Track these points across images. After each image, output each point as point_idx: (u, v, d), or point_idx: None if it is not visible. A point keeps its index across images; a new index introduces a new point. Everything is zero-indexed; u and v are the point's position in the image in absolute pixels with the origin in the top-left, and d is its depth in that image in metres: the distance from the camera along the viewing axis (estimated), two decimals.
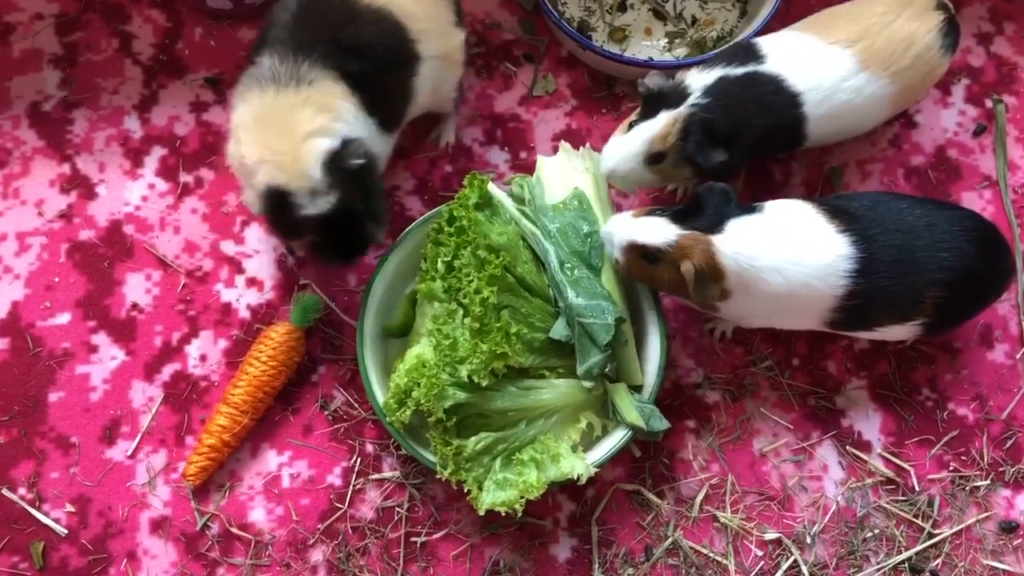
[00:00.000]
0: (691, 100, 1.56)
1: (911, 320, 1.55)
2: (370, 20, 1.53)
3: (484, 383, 1.49)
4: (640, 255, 1.51)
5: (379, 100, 1.56)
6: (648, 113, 1.59)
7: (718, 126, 1.55)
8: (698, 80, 1.59)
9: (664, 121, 1.56)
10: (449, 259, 1.55)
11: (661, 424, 1.58)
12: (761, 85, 1.58)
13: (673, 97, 1.58)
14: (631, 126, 1.60)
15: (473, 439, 1.51)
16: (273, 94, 1.49)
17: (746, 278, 1.47)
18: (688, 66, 1.65)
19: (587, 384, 1.56)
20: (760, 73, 1.58)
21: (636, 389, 1.61)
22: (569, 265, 1.58)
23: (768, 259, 1.47)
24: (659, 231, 1.48)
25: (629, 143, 1.58)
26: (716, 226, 1.47)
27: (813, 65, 1.59)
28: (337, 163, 1.47)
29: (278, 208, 1.48)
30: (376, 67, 1.54)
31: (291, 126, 1.47)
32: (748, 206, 1.53)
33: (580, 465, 1.51)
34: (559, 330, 1.56)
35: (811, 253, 1.48)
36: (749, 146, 1.58)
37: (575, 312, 1.53)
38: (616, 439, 1.58)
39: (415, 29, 1.57)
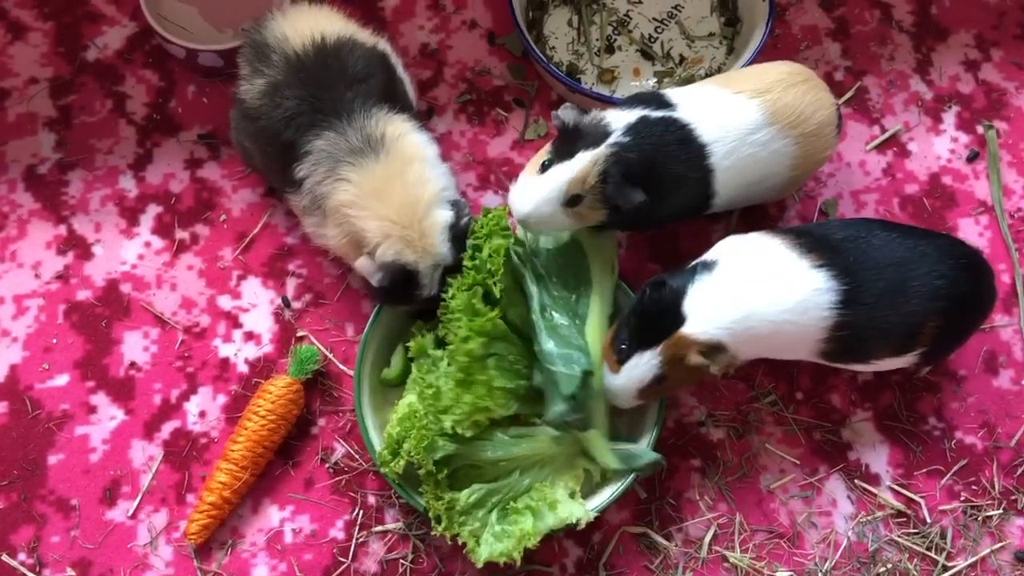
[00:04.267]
0: (612, 139, 1.48)
1: (911, 351, 1.54)
2: (350, 46, 1.60)
3: (468, 434, 1.47)
4: (653, 383, 1.49)
5: (403, 102, 1.63)
6: (563, 152, 1.49)
7: (637, 167, 1.48)
8: (619, 118, 1.51)
9: (583, 162, 1.46)
10: (449, 295, 1.51)
11: (649, 456, 1.54)
12: (676, 130, 1.52)
13: (592, 136, 1.49)
14: (544, 166, 1.50)
15: (466, 492, 1.49)
16: (371, 164, 1.52)
17: (737, 333, 1.45)
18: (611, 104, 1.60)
19: (552, 432, 1.53)
20: (674, 119, 1.53)
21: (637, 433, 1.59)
22: (550, 311, 1.54)
23: (742, 309, 1.45)
24: (643, 369, 1.46)
25: (546, 186, 1.48)
26: (676, 318, 1.45)
27: (720, 114, 1.54)
28: (454, 231, 1.52)
29: (404, 284, 1.51)
30: (385, 76, 1.62)
31: (410, 195, 1.51)
32: (693, 267, 1.51)
33: (579, 510, 1.49)
34: (537, 376, 1.53)
35: (781, 290, 1.47)
36: (664, 195, 1.52)
37: (544, 358, 1.49)
38: (619, 482, 1.56)
39: (368, 39, 1.67)
